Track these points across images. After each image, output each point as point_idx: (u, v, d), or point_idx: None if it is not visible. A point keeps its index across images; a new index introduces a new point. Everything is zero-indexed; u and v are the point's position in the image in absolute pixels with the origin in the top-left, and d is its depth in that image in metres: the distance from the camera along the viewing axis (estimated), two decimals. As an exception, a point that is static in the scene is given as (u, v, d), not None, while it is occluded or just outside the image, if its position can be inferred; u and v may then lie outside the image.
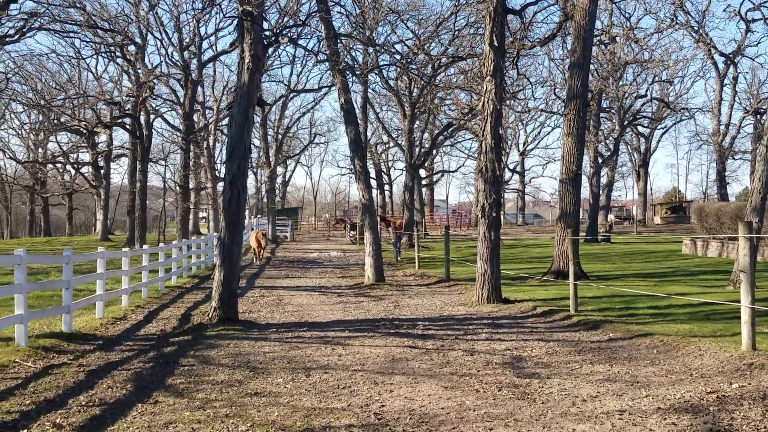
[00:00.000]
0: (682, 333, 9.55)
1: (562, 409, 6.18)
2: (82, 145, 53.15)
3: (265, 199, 51.90)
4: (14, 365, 8.48)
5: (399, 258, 28.56)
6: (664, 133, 66.62)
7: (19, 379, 7.80)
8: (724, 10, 66.12)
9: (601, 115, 46.10)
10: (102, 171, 50.83)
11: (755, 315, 7.92)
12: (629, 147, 65.78)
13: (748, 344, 7.81)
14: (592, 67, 35.83)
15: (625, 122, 47.83)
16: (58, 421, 6.08)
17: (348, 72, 23.00)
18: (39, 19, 28.61)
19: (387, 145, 64.68)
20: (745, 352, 7.77)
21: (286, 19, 17.09)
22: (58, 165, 61.41)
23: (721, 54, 48.27)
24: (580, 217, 27.51)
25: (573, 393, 6.74)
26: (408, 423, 5.90)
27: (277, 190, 60.97)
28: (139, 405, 6.60)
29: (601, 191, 48.02)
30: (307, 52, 26.21)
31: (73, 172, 61.12)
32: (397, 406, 6.44)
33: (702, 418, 5.70)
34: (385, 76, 35.20)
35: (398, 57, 25.76)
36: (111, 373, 8.11)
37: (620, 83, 44.39)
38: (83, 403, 6.74)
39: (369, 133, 49.94)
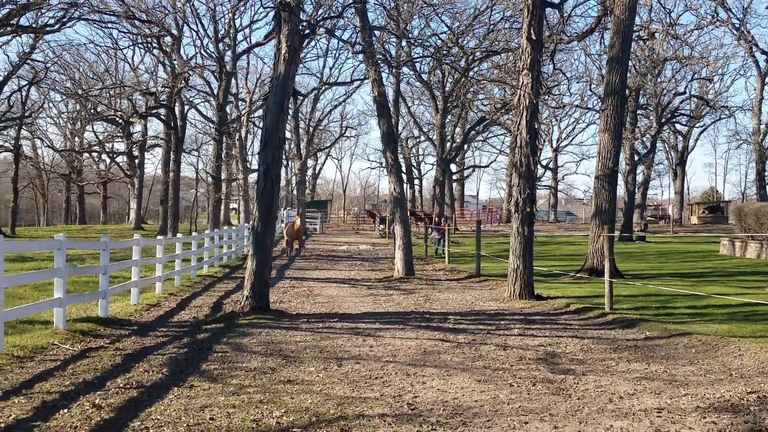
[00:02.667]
0: (720, 333, 9.36)
1: (599, 406, 6.09)
2: (118, 134, 53.97)
3: (295, 192, 52.11)
4: (53, 347, 8.63)
5: (441, 252, 27.67)
6: (702, 132, 65.39)
7: (58, 361, 7.93)
8: (767, 8, 64.72)
9: (639, 112, 45.37)
10: (136, 161, 51.59)
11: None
12: (666, 145, 64.74)
13: (790, 345, 7.64)
14: (630, 63, 35.37)
15: (663, 120, 47.06)
16: (97, 401, 6.16)
17: (382, 64, 22.97)
18: (78, 10, 29.00)
19: (418, 140, 64.61)
20: (786, 353, 7.60)
21: (322, 10, 17.10)
22: (94, 154, 62.43)
23: (763, 52, 47.27)
24: (615, 215, 27.21)
25: (609, 390, 6.65)
26: (442, 414, 5.86)
27: (307, 183, 61.26)
28: (175, 388, 6.67)
29: (636, 189, 47.35)
30: (342, 44, 26.25)
31: (108, 161, 62.15)
32: (430, 398, 6.42)
33: (742, 418, 5.57)
34: (419, 69, 35.13)
35: (432, 50, 25.65)
36: (147, 358, 8.20)
37: (659, 80, 43.68)
38: (121, 385, 6.83)
39: (400, 127, 49.93)
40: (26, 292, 13.94)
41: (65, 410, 5.89)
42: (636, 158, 45.23)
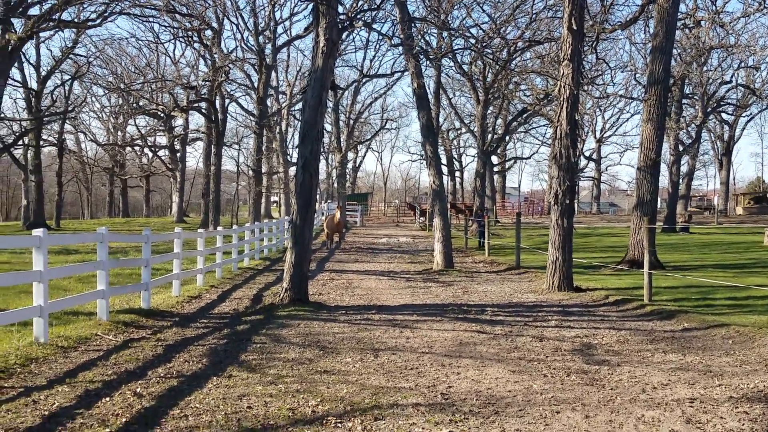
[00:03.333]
0: (759, 324, 9.21)
1: (632, 396, 6.08)
2: (160, 128, 54.95)
3: (335, 185, 52.42)
4: (96, 338, 8.91)
5: (483, 241, 26.60)
6: (749, 121, 63.85)
7: (101, 351, 8.19)
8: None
9: (684, 101, 44.50)
10: (178, 154, 52.48)
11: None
12: (712, 135, 63.40)
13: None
14: (675, 51, 34.66)
15: (709, 109, 46.08)
16: (138, 390, 6.36)
17: (422, 56, 22.95)
18: (119, 4, 29.51)
19: (459, 131, 64.35)
20: (826, 345, 7.47)
21: (360, 2, 17.16)
22: (137, 148, 63.62)
23: (812, 39, 45.91)
24: (658, 206, 26.70)
25: (643, 380, 6.63)
26: (474, 404, 5.92)
27: (347, 176, 61.52)
28: (214, 378, 6.84)
29: (681, 180, 46.52)
30: (381, 36, 26.25)
31: (150, 155, 63.29)
32: (463, 388, 6.48)
33: (777, 409, 5.53)
34: (459, 60, 34.95)
35: (473, 41, 25.49)
36: (187, 348, 8.41)
37: (704, 69, 42.77)
38: (161, 374, 7.03)
39: (441, 119, 49.78)
40: (70, 284, 14.36)
41: (107, 398, 6.10)
42: (681, 148, 44.41)
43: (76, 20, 32.69)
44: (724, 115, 57.47)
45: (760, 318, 9.82)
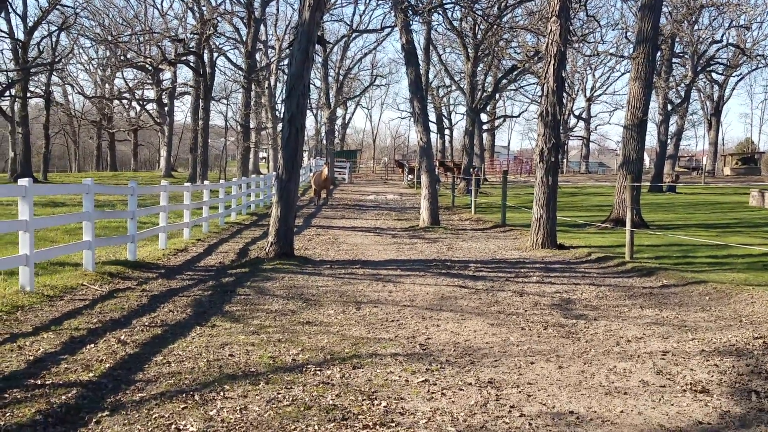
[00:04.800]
0: (737, 281, 9.40)
1: (605, 348, 6.24)
2: (147, 81, 54.30)
3: (324, 141, 52.22)
4: (82, 288, 8.98)
5: (473, 198, 25.97)
6: (738, 81, 63.75)
7: (87, 300, 8.27)
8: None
9: (674, 60, 44.30)
10: (166, 108, 51.98)
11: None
12: (701, 95, 63.35)
13: (804, 294, 7.69)
14: (666, 9, 34.43)
15: (699, 68, 45.92)
16: (122, 338, 6.46)
17: (410, 11, 22.71)
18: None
19: (449, 89, 63.90)
20: (799, 301, 7.66)
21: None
22: (124, 101, 62.95)
23: (806, -2, 45.67)
24: (647, 166, 26.88)
25: (618, 334, 6.79)
26: (451, 354, 6.06)
27: (336, 132, 61.28)
28: (198, 327, 6.94)
29: (669, 140, 46.59)
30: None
31: (138, 108, 62.70)
32: (442, 339, 6.61)
33: (745, 361, 5.69)
34: (450, 16, 34.56)
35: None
36: (172, 299, 8.50)
37: (695, 27, 42.53)
38: (146, 323, 7.13)
39: (431, 76, 49.40)
40: (57, 236, 14.36)
41: (92, 345, 6.20)
42: (669, 108, 44.39)
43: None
44: (714, 75, 57.35)
45: (738, 275, 10.01)
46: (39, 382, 5.09)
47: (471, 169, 33.40)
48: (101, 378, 5.22)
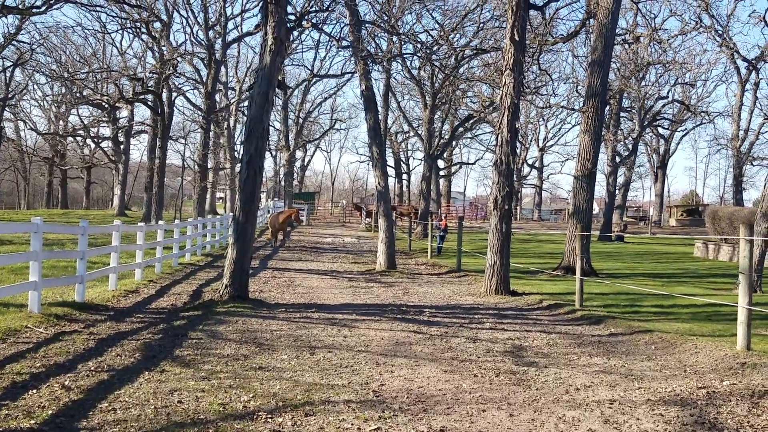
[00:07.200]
0: (681, 331, 9.64)
1: (555, 396, 6.33)
2: (103, 119, 53.71)
3: (282, 183, 52.15)
4: (26, 330, 8.74)
5: (439, 253, 25.68)
6: (684, 136, 66.17)
7: (31, 343, 8.04)
8: (749, 15, 65.23)
9: (622, 114, 45.84)
10: (122, 146, 51.37)
11: (752, 316, 8.04)
12: (648, 148, 65.43)
13: (743, 344, 7.92)
14: (614, 66, 35.67)
15: (645, 123, 47.56)
16: (66, 383, 6.30)
17: (370, 60, 23.12)
18: (66, -8, 28.81)
19: (407, 135, 64.65)
20: (740, 351, 7.87)
21: (311, 3, 17.21)
22: (79, 138, 62.03)
23: (744, 59, 47.87)
24: (597, 215, 27.47)
25: (568, 382, 6.89)
26: (405, 401, 6.07)
27: (295, 174, 61.27)
28: (147, 372, 6.82)
29: (617, 190, 47.84)
30: (329, 38, 26.27)
31: (93, 146, 61.77)
32: (396, 386, 6.62)
33: (689, 411, 5.83)
34: (409, 65, 35.23)
35: (422, 47, 25.79)
36: (120, 342, 8.34)
37: (642, 83, 44.08)
38: (92, 368, 6.96)
39: (390, 121, 49.94)
40: (2, 275, 13.99)
41: (34, 390, 6.03)
42: (618, 160, 45.67)
43: (20, 6, 31.75)
44: (660, 129, 59.33)
45: (682, 325, 10.27)
46: (-21, 428, 4.94)
47: (430, 214, 33.70)
48: (43, 425, 5.09)
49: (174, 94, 42.19)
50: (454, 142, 54.60)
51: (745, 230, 7.94)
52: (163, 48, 37.74)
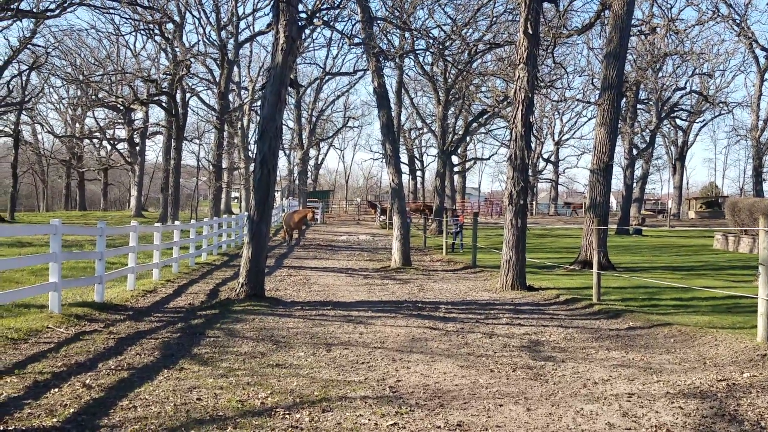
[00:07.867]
0: (701, 324, 9.57)
1: (573, 390, 6.31)
2: (119, 121, 54.14)
3: (296, 181, 52.28)
4: (47, 330, 8.84)
5: (460, 246, 25.88)
6: (702, 127, 65.54)
7: (52, 343, 8.13)
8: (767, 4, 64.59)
9: (639, 106, 45.48)
10: (137, 148, 51.72)
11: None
12: (666, 140, 64.91)
13: (764, 336, 7.84)
14: (631, 57, 35.41)
15: (663, 114, 47.17)
16: (87, 381, 6.37)
17: (382, 56, 23.10)
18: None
19: (420, 131, 64.64)
20: (760, 343, 7.80)
21: (322, 1, 17.21)
22: (95, 140, 62.54)
23: (763, 48, 47.39)
24: (614, 208, 27.32)
25: (585, 376, 6.86)
26: (421, 397, 6.08)
27: (309, 173, 61.38)
28: (165, 371, 6.87)
29: (635, 183, 47.54)
30: (341, 36, 26.27)
31: (109, 147, 62.28)
32: (412, 382, 6.63)
33: (709, 404, 5.79)
34: (421, 61, 35.16)
35: (434, 42, 25.72)
36: (140, 341, 8.41)
37: (659, 75, 43.75)
38: (112, 367, 7.03)
39: (403, 118, 50.02)
40: (23, 276, 14.16)
41: (56, 389, 6.09)
42: (635, 153, 45.34)
43: (34, 10, 32.03)
44: (678, 121, 58.85)
45: (702, 318, 10.19)
46: (1, 428, 4.99)
47: (445, 211, 33.66)
48: (65, 423, 5.14)
49: (188, 95, 42.48)
50: (468, 138, 54.47)
51: (765, 221, 7.85)
52: (176, 49, 37.96)
